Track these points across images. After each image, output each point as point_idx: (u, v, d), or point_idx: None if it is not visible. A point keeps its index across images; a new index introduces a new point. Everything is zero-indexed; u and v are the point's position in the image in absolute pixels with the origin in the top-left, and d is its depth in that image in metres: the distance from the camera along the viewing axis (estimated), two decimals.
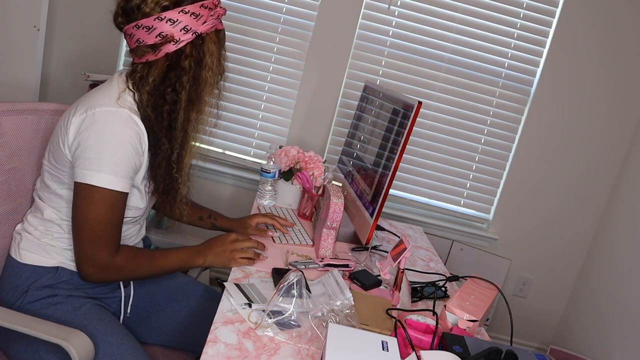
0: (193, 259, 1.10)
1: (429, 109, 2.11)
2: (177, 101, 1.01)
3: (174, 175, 1.07)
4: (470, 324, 1.01)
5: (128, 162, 0.97)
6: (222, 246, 1.13)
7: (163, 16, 0.96)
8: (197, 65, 1.02)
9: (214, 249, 1.12)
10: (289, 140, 2.14)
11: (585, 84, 2.06)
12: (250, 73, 2.10)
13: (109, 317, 1.05)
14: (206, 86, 1.05)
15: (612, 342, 1.95)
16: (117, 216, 0.99)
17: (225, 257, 1.12)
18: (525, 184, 2.17)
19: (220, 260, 1.12)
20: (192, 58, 1.01)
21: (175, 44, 0.98)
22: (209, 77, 1.04)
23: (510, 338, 1.13)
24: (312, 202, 1.59)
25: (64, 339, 0.87)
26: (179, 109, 1.02)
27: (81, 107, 0.98)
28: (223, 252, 1.12)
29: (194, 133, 1.08)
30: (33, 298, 1.01)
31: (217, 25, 1.04)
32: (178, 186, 1.09)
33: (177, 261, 1.08)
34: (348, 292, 1.02)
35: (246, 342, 0.88)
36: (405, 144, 1.19)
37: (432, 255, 1.57)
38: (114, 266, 1.00)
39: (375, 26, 2.04)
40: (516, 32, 2.04)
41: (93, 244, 0.97)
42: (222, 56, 1.08)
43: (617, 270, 2.02)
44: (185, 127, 1.05)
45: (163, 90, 1.01)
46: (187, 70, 1.00)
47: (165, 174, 1.06)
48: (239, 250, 1.13)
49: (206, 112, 1.09)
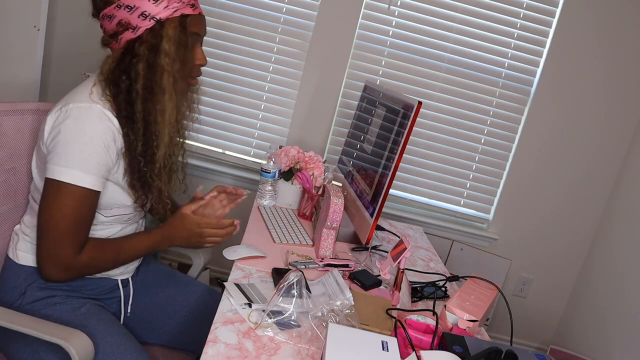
0: (161, 245, 1.10)
1: (429, 109, 2.11)
2: (132, 90, 0.96)
3: (142, 168, 1.01)
4: (470, 324, 1.01)
5: (99, 159, 0.93)
6: (190, 232, 1.11)
7: (122, 3, 0.94)
8: (151, 51, 0.95)
9: (181, 235, 1.11)
10: (289, 140, 2.14)
11: (585, 84, 2.06)
12: (250, 73, 2.10)
13: (109, 317, 1.05)
14: (164, 74, 0.97)
15: (612, 342, 1.95)
16: (84, 214, 0.95)
17: (192, 243, 1.13)
18: (525, 184, 2.17)
19: (188, 245, 1.13)
20: (147, 44, 0.95)
21: (133, 31, 0.95)
22: (166, 64, 0.96)
23: (510, 338, 1.13)
24: (312, 202, 1.59)
25: (63, 339, 0.87)
26: (135, 99, 0.96)
27: (57, 105, 0.97)
28: (190, 237, 1.12)
29: (159, 126, 1.00)
30: (32, 299, 1.01)
31: (184, 10, 0.97)
32: (148, 180, 1.03)
33: (144, 249, 1.07)
34: (348, 292, 1.02)
35: (246, 342, 0.88)
36: (405, 144, 1.19)
37: (432, 255, 1.57)
38: (77, 266, 0.97)
39: (375, 26, 2.04)
40: (516, 32, 2.04)
41: (57, 243, 0.93)
42: (187, 43, 1.00)
43: (617, 270, 2.02)
44: (147, 119, 0.98)
45: (117, 78, 0.97)
46: (142, 57, 0.95)
47: (134, 168, 1.01)
48: (206, 235, 1.13)
49: (172, 104, 1.00)
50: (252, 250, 1.24)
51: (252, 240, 1.34)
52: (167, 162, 1.08)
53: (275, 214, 1.55)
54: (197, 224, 1.11)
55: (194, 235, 1.11)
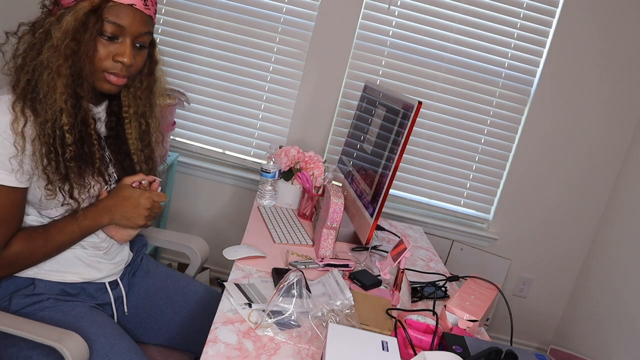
0: (98, 219, 1.01)
1: (429, 109, 2.11)
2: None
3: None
4: (470, 324, 1.01)
5: (4, 152, 0.89)
6: (135, 210, 1.03)
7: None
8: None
9: (124, 212, 1.02)
10: (289, 140, 2.14)
11: (585, 84, 2.06)
12: (250, 73, 2.10)
13: (102, 317, 1.04)
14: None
15: (612, 342, 1.95)
16: (3, 212, 0.92)
17: (134, 222, 1.04)
18: (525, 184, 2.17)
19: (128, 224, 1.04)
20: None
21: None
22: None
23: (510, 338, 1.13)
24: (312, 202, 1.59)
25: (57, 341, 0.86)
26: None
27: None
28: (133, 217, 1.03)
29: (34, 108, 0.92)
30: (19, 306, 0.99)
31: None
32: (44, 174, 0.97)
33: (77, 233, 0.99)
34: (348, 292, 1.02)
35: (246, 342, 0.88)
36: (405, 144, 1.19)
37: (432, 255, 1.57)
38: (3, 262, 0.94)
39: (375, 26, 2.04)
40: (516, 32, 2.04)
41: None
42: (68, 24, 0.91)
43: (616, 270, 2.02)
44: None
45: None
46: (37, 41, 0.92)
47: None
48: (148, 214, 1.05)
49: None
50: (252, 250, 1.24)
51: (252, 240, 1.34)
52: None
53: (275, 214, 1.55)
54: (138, 192, 1.03)
55: (135, 204, 1.02)
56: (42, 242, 0.97)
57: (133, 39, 0.96)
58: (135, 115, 1.10)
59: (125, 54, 0.95)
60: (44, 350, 0.92)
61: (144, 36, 0.98)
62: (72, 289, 1.06)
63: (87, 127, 0.99)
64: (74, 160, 0.96)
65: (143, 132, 1.13)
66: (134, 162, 1.12)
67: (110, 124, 1.09)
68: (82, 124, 0.97)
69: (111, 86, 0.98)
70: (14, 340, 0.94)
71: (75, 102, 0.94)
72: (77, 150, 0.97)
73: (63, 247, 1.01)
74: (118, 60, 0.95)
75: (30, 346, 0.93)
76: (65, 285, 1.05)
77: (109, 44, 0.95)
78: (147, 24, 0.98)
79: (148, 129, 1.14)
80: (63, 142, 0.94)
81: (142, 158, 1.14)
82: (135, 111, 1.10)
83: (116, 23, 0.93)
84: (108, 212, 1.02)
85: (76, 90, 0.94)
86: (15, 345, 0.95)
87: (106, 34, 0.93)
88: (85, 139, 0.99)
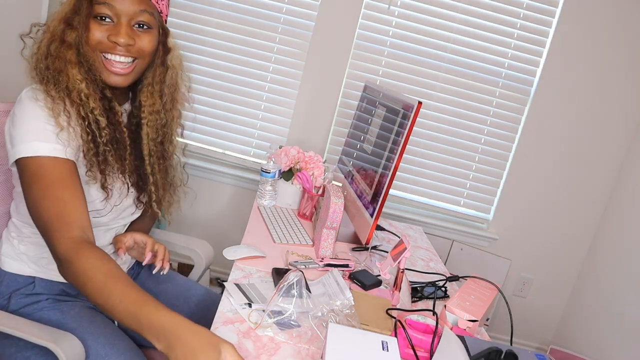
0: (152, 335, 0.74)
1: (429, 109, 2.11)
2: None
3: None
4: (470, 324, 1.01)
5: (51, 128, 0.90)
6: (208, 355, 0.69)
7: None
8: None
9: (185, 355, 0.68)
10: (289, 140, 2.14)
11: (585, 84, 2.06)
12: (250, 73, 2.10)
13: (101, 318, 1.03)
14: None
15: (612, 342, 1.95)
16: (72, 182, 0.89)
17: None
18: (525, 184, 2.17)
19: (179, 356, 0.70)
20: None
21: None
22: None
23: (510, 338, 1.13)
24: (312, 202, 1.59)
25: (52, 342, 0.86)
26: None
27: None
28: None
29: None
30: (18, 306, 0.99)
31: None
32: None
33: (124, 314, 0.75)
34: (348, 292, 1.02)
35: (246, 342, 0.88)
36: (405, 144, 1.19)
37: (432, 255, 1.57)
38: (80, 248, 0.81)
39: (375, 26, 2.04)
40: (516, 32, 2.04)
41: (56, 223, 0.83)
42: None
43: (617, 270, 2.02)
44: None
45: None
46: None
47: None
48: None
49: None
50: (252, 250, 1.24)
51: (252, 240, 1.33)
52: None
53: (275, 214, 1.55)
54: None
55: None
56: (103, 278, 0.78)
57: (128, 18, 0.93)
58: (150, 116, 1.06)
59: (120, 33, 0.92)
60: (42, 351, 0.91)
61: (141, 14, 0.94)
62: (73, 289, 1.06)
63: (115, 115, 1.00)
64: (110, 143, 0.97)
65: (158, 129, 1.09)
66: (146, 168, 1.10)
67: (130, 127, 1.07)
68: (110, 111, 0.98)
69: (116, 77, 0.96)
70: (14, 340, 0.94)
71: (96, 87, 0.95)
72: (112, 134, 0.98)
73: (104, 303, 0.77)
74: (113, 40, 0.93)
75: (29, 346, 0.93)
76: (66, 285, 1.05)
77: (103, 25, 0.93)
78: (142, 2, 0.94)
79: (166, 125, 1.10)
80: (98, 125, 0.95)
81: (157, 168, 1.11)
82: (151, 111, 1.06)
83: (106, 3, 0.91)
84: (174, 344, 0.70)
85: (94, 78, 0.95)
86: (15, 345, 0.95)
87: (98, 15, 0.92)
88: (116, 126, 1.00)
